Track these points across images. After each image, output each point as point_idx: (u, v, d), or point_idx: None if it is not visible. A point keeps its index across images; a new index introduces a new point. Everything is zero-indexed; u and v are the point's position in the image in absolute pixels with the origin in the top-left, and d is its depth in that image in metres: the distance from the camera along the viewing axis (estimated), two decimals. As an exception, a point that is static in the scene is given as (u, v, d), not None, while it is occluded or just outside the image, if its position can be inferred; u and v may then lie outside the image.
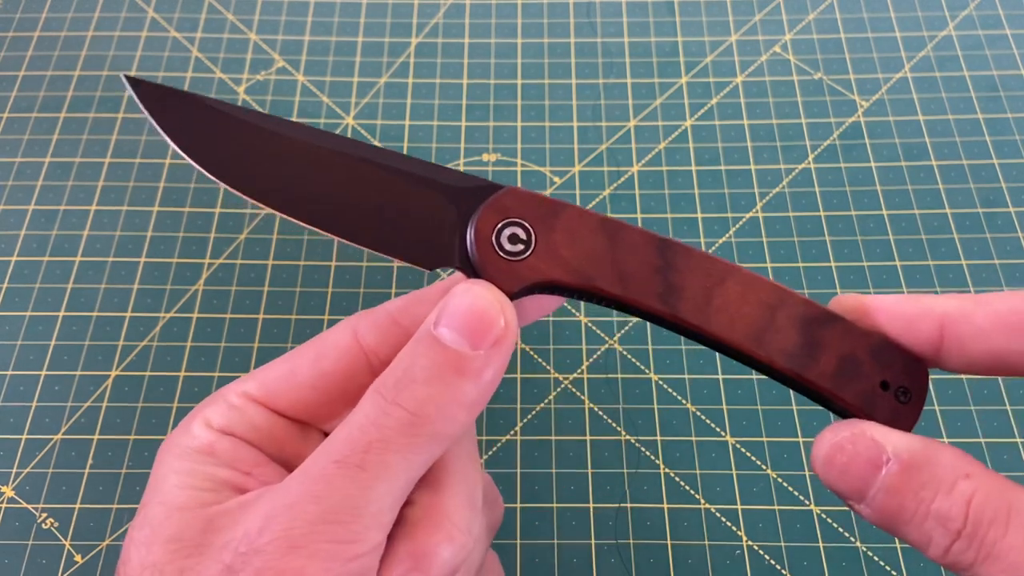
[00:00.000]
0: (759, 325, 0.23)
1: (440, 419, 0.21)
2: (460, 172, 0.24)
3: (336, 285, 0.44)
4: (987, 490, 0.19)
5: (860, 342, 0.23)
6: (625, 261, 0.23)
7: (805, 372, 0.23)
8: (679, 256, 0.23)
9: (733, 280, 0.23)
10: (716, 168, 0.48)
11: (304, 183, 0.23)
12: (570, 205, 0.24)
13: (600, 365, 0.42)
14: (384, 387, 0.22)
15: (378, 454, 0.21)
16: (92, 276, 0.45)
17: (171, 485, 0.22)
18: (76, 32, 0.53)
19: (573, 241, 0.23)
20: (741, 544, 0.38)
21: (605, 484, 0.39)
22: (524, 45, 0.53)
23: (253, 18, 0.54)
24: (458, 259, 0.23)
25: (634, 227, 0.24)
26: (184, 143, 0.24)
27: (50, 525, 0.38)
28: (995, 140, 0.48)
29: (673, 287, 0.23)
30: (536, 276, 0.23)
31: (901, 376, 0.23)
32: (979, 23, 0.53)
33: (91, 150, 0.49)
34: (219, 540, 0.21)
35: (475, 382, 0.21)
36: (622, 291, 0.23)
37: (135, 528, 0.22)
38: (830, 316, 0.23)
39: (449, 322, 0.22)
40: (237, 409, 0.24)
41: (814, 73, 0.51)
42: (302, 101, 0.51)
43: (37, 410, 0.41)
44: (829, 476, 0.21)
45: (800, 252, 0.45)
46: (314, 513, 0.20)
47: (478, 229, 0.23)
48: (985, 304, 0.21)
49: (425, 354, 0.21)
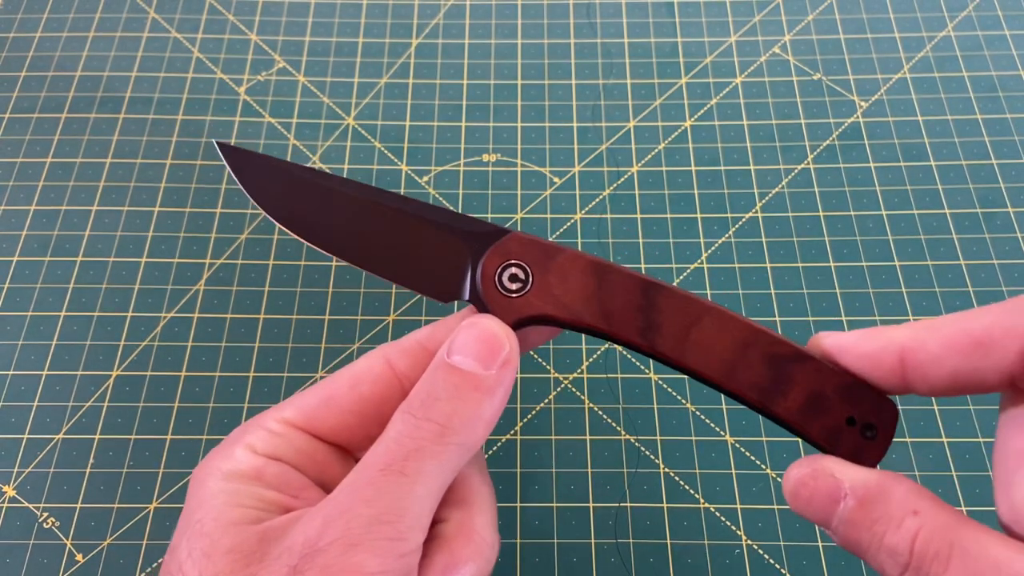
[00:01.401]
0: (732, 360, 0.25)
1: (464, 430, 0.24)
2: (475, 218, 0.28)
3: (336, 285, 0.44)
4: (932, 527, 0.20)
5: (829, 380, 0.24)
6: (611, 300, 0.26)
7: (773, 406, 0.25)
8: (661, 296, 0.26)
9: (709, 318, 0.26)
10: (716, 168, 0.48)
11: (350, 230, 0.28)
12: (566, 249, 0.27)
13: (600, 365, 0.42)
14: (411, 408, 0.24)
15: (416, 461, 0.23)
16: (93, 276, 0.45)
17: (221, 503, 0.24)
18: (77, 33, 0.53)
19: (565, 281, 0.26)
20: (741, 544, 0.38)
21: (605, 484, 0.39)
22: (524, 46, 0.53)
23: (254, 19, 0.54)
24: (469, 294, 0.27)
25: (622, 269, 0.26)
26: (262, 201, 0.28)
27: (51, 524, 0.38)
28: (994, 141, 0.48)
29: (653, 324, 0.26)
30: (531, 311, 0.26)
31: (868, 414, 0.24)
32: (978, 24, 0.53)
33: (92, 150, 0.49)
34: (277, 549, 0.23)
35: (490, 397, 0.24)
36: (607, 327, 0.26)
37: (190, 541, 0.23)
38: (800, 354, 0.25)
39: (461, 350, 0.25)
40: (279, 436, 0.26)
41: (813, 74, 0.51)
42: (302, 102, 0.51)
43: (38, 410, 0.41)
44: (796, 508, 0.22)
45: (800, 252, 0.45)
46: (367, 515, 0.22)
47: (484, 270, 0.27)
48: (936, 330, 0.22)
49: (444, 378, 0.24)
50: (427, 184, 0.48)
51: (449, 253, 0.27)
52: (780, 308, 0.43)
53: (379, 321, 0.44)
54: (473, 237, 0.27)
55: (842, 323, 0.43)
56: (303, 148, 0.49)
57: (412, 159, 0.49)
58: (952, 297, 0.44)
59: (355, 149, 0.49)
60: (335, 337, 0.43)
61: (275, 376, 0.42)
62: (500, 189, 0.47)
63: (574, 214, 0.47)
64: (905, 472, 0.39)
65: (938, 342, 0.22)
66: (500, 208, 0.47)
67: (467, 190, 0.47)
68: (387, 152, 0.49)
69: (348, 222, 0.28)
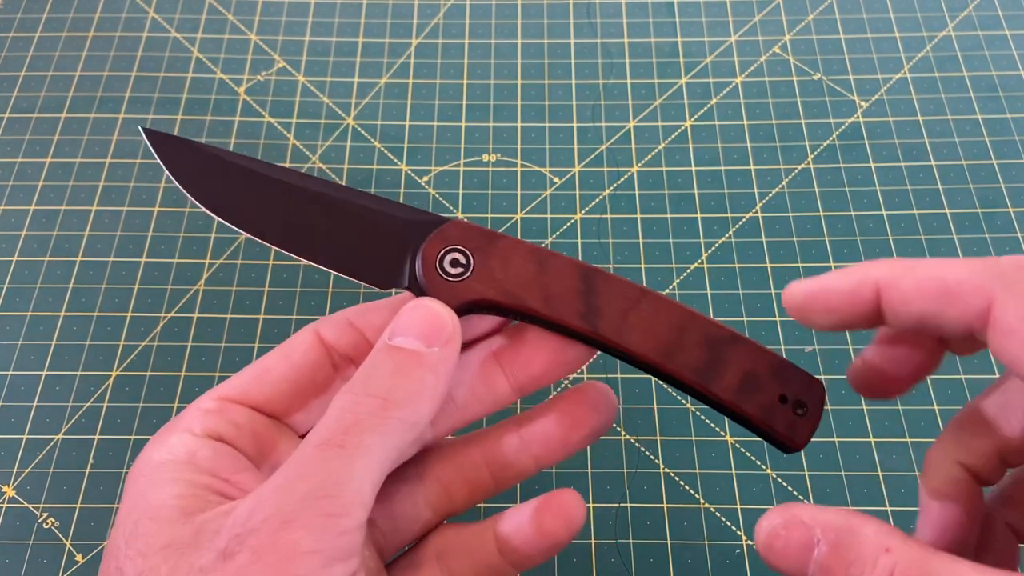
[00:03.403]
0: (669, 343, 0.26)
1: (407, 405, 0.23)
2: (415, 208, 0.28)
3: (336, 285, 0.44)
4: (906, 563, 0.20)
5: (761, 360, 0.26)
6: (551, 285, 0.26)
7: (710, 385, 0.26)
8: (599, 281, 0.26)
9: (647, 302, 0.26)
10: (716, 168, 0.48)
11: (285, 217, 0.27)
12: (506, 236, 0.27)
13: (600, 365, 0.42)
14: (353, 387, 0.24)
15: (355, 435, 0.22)
16: (93, 276, 0.45)
17: (155, 499, 0.23)
18: (77, 32, 0.53)
19: (506, 266, 0.26)
20: (741, 544, 0.38)
21: (605, 484, 0.39)
22: (524, 46, 0.53)
23: (254, 19, 0.54)
24: (407, 281, 0.27)
25: (562, 256, 0.27)
26: (188, 185, 0.28)
27: (51, 525, 0.38)
28: (994, 141, 0.48)
29: (593, 308, 0.26)
30: (473, 295, 0.26)
31: (799, 392, 0.25)
32: (978, 24, 0.53)
33: (92, 150, 0.49)
34: (209, 535, 0.22)
35: (433, 373, 0.24)
36: (548, 311, 0.26)
37: (124, 541, 0.23)
38: (734, 337, 0.26)
39: (404, 331, 0.24)
40: (215, 412, 0.25)
41: (814, 74, 0.51)
42: (302, 101, 0.51)
43: (38, 410, 0.41)
44: (772, 561, 0.22)
45: (800, 252, 0.45)
46: (302, 490, 0.21)
47: (425, 254, 0.26)
48: (911, 269, 0.22)
49: (386, 358, 0.24)
50: (427, 184, 0.48)
51: (388, 240, 0.27)
52: (780, 308, 0.43)
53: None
54: (413, 225, 0.27)
55: (842, 323, 0.43)
56: (303, 148, 0.49)
57: (412, 159, 0.49)
58: (952, 297, 0.43)
59: (355, 149, 0.49)
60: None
61: (275, 376, 0.42)
62: (500, 189, 0.47)
63: (574, 214, 0.47)
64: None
65: (911, 283, 0.22)
66: (500, 208, 0.47)
67: (467, 190, 0.47)
68: (387, 152, 0.49)
69: (285, 211, 0.27)
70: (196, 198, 0.28)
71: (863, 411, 0.41)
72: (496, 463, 0.28)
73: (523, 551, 0.26)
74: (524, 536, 0.26)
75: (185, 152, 0.28)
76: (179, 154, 0.28)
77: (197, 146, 0.28)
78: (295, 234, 0.27)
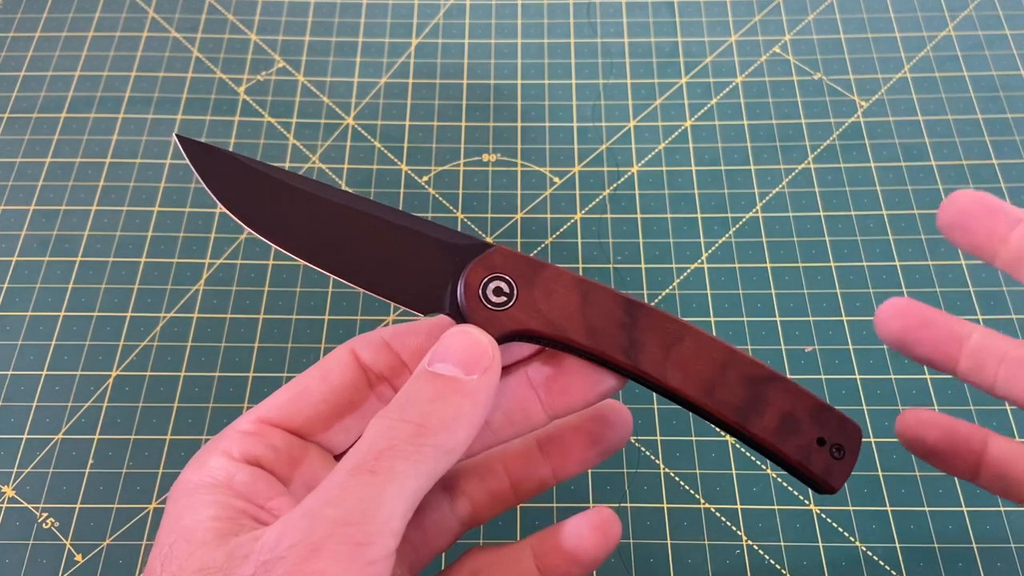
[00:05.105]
0: (710, 380, 0.26)
1: (443, 431, 0.23)
2: (453, 230, 0.27)
3: (336, 285, 0.44)
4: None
5: (801, 402, 0.26)
6: (594, 316, 0.26)
7: (749, 425, 0.25)
8: (642, 315, 0.26)
9: (690, 339, 0.26)
10: (716, 168, 0.48)
11: (320, 233, 0.27)
12: (550, 265, 0.26)
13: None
14: (389, 412, 0.24)
15: (388, 461, 0.22)
16: (93, 276, 0.45)
17: (191, 522, 0.23)
18: (77, 32, 0.53)
19: (550, 297, 0.26)
20: (741, 544, 0.38)
21: (605, 484, 0.39)
22: (524, 45, 0.53)
23: (253, 18, 0.54)
24: (448, 306, 0.26)
25: (605, 287, 0.26)
26: (222, 196, 0.27)
27: (51, 525, 0.38)
28: (995, 140, 0.48)
29: (635, 342, 0.26)
30: (515, 325, 0.26)
31: (837, 435, 0.26)
32: (978, 23, 0.53)
33: (91, 150, 0.49)
34: (240, 560, 0.22)
35: (472, 401, 0.24)
36: (591, 343, 0.26)
37: (160, 562, 0.23)
38: (775, 377, 0.26)
39: (443, 358, 0.24)
40: (253, 435, 0.25)
41: (814, 73, 0.51)
42: (302, 101, 0.51)
43: (38, 410, 0.41)
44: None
45: (800, 252, 0.45)
46: (331, 517, 0.21)
47: (468, 281, 0.26)
48: None
49: (425, 384, 0.24)
50: (427, 184, 0.48)
51: (428, 263, 0.27)
52: (780, 308, 0.43)
53: (378, 321, 0.44)
54: (454, 249, 0.27)
55: (843, 323, 0.43)
56: (303, 148, 0.49)
57: (412, 159, 0.49)
58: (953, 297, 0.43)
59: (355, 149, 0.49)
60: (335, 337, 0.43)
61: (275, 376, 0.42)
62: (500, 189, 0.47)
63: (574, 214, 0.47)
64: (907, 473, 0.39)
65: None
66: (500, 208, 0.47)
67: (467, 190, 0.47)
68: (387, 152, 0.49)
69: (320, 227, 0.27)
70: (230, 210, 0.27)
71: (863, 411, 0.41)
72: (517, 476, 0.28)
73: (568, 569, 0.27)
74: (586, 549, 0.27)
75: (220, 162, 0.28)
76: (214, 164, 0.28)
77: (232, 156, 0.28)
78: (330, 252, 0.27)
